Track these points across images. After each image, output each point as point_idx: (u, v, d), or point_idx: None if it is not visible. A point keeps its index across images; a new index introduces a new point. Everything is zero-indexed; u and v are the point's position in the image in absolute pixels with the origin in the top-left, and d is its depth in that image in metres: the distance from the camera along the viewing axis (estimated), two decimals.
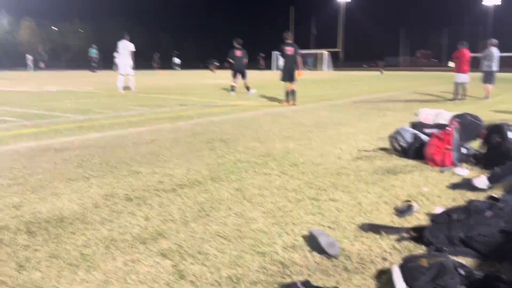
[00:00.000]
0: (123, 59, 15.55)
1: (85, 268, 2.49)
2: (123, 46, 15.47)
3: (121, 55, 15.59)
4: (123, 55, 15.52)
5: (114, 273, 2.44)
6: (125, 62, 15.53)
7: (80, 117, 8.91)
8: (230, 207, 3.51)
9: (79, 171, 4.61)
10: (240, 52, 15.66)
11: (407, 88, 21.05)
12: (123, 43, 15.49)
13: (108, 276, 2.41)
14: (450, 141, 4.85)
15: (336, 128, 7.74)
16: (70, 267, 2.50)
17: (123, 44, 15.48)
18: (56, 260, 2.58)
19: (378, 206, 3.57)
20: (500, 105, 12.37)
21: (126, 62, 15.51)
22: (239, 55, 15.62)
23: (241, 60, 15.73)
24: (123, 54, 15.52)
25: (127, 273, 2.44)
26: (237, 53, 15.60)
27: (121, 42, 15.51)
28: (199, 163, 5.01)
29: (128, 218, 3.26)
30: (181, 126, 7.84)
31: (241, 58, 15.70)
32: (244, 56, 15.82)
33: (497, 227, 2.67)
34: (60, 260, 2.57)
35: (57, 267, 2.50)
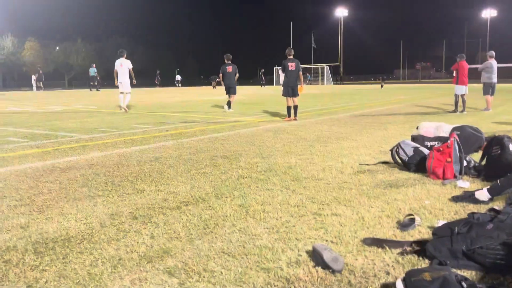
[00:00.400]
0: (121, 77, 15.47)
1: (92, 287, 2.53)
2: (121, 64, 15.43)
3: (119, 73, 15.50)
4: (121, 73, 15.46)
5: None
6: (123, 80, 15.49)
7: (84, 136, 8.99)
8: (234, 224, 3.55)
9: (85, 190, 4.66)
10: (231, 68, 15.50)
11: (407, 101, 21.14)
12: (121, 60, 15.46)
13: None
14: (451, 153, 4.90)
15: (338, 142, 7.79)
16: (78, 287, 2.54)
17: (120, 61, 15.45)
18: (64, 280, 2.62)
19: (380, 220, 3.61)
20: (501, 116, 12.42)
21: (124, 80, 15.50)
22: (230, 70, 15.48)
23: (232, 76, 15.59)
24: (120, 73, 15.47)
25: None
26: (228, 68, 15.46)
27: (119, 60, 15.48)
28: (202, 180, 5.06)
29: (134, 236, 3.30)
30: (184, 143, 7.90)
31: (232, 74, 15.55)
32: (235, 71, 15.68)
33: (499, 240, 2.70)
34: (68, 280, 2.61)
35: (65, 287, 2.53)
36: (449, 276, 2.26)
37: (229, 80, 15.54)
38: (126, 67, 15.44)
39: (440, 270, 2.39)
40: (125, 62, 15.44)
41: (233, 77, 15.62)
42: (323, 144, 7.61)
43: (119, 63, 15.40)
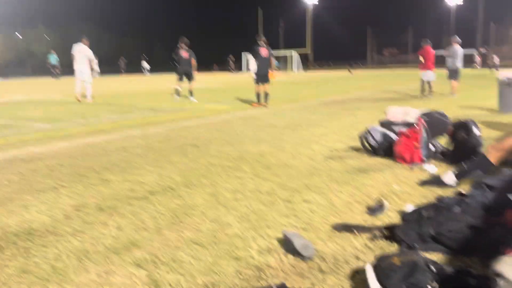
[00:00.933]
0: (78, 64, 14.35)
1: (57, 281, 2.44)
2: (79, 50, 14.30)
3: (76, 60, 14.34)
4: (78, 60, 14.32)
5: (87, 285, 2.40)
6: (80, 68, 14.37)
7: (48, 126, 8.72)
8: (204, 213, 3.50)
9: (48, 181, 4.51)
10: (187, 54, 14.42)
11: (375, 87, 21.40)
12: (79, 46, 14.34)
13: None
14: (418, 138, 4.96)
15: (308, 129, 7.80)
16: (41, 282, 2.44)
17: (79, 48, 14.32)
18: (27, 275, 2.52)
19: (350, 205, 3.62)
20: (466, 101, 12.70)
21: (81, 68, 14.38)
22: (185, 56, 14.39)
23: (188, 62, 14.48)
24: (78, 59, 14.32)
25: (101, 285, 2.40)
26: (183, 54, 14.37)
27: (77, 46, 14.35)
28: (171, 169, 4.97)
29: (100, 228, 3.21)
30: (153, 132, 7.77)
31: (188, 60, 14.45)
32: (192, 57, 14.55)
33: (466, 223, 2.74)
34: (31, 275, 2.51)
35: (28, 282, 2.44)
36: (418, 260, 2.27)
37: (186, 66, 14.44)
38: (85, 55, 14.35)
39: (409, 254, 2.41)
40: (84, 49, 14.31)
41: (189, 63, 14.49)
42: (294, 131, 7.61)
43: (77, 49, 14.29)
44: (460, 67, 14.87)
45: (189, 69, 14.49)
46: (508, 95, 9.57)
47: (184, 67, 14.44)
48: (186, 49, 14.44)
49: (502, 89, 9.72)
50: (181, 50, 14.38)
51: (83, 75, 14.44)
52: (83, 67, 14.38)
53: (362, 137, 5.63)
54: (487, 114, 9.52)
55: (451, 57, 14.65)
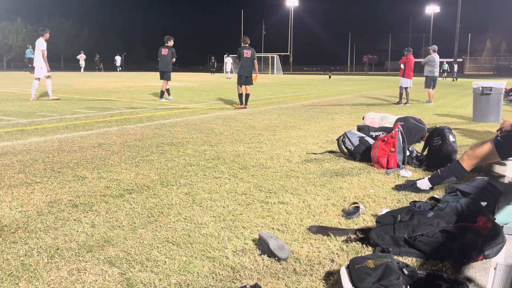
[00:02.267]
0: (36, 60, 13.26)
1: (27, 279, 2.38)
2: (38, 45, 13.15)
3: (35, 55, 13.28)
4: (37, 56, 13.20)
5: (59, 283, 2.35)
6: (38, 64, 13.21)
7: (23, 120, 8.54)
8: (180, 212, 3.47)
9: (21, 176, 4.42)
10: (166, 50, 14.16)
11: (354, 92, 21.61)
12: (38, 41, 13.16)
13: (51, 286, 2.31)
14: (394, 143, 5.02)
15: (286, 131, 7.83)
16: (10, 278, 2.38)
17: (38, 43, 13.17)
18: None
19: (326, 208, 3.64)
20: (442, 108, 12.94)
21: (38, 64, 13.19)
22: (165, 53, 14.15)
23: (168, 59, 14.20)
24: (37, 55, 13.20)
25: (72, 283, 2.36)
26: (163, 51, 14.15)
27: (37, 41, 13.19)
28: (147, 167, 4.92)
29: (74, 225, 3.15)
30: (129, 129, 7.68)
31: (167, 57, 14.17)
32: (172, 55, 14.28)
33: (439, 227, 2.78)
34: (0, 272, 2.45)
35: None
36: (391, 263, 2.30)
37: (165, 64, 14.18)
38: (38, 48, 13.09)
39: (383, 257, 2.43)
40: (38, 42, 13.13)
41: (169, 61, 14.23)
42: (272, 132, 7.62)
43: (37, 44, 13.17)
44: (437, 75, 15.14)
45: (168, 67, 14.24)
46: (482, 104, 9.78)
47: (162, 65, 14.20)
48: (167, 47, 14.18)
49: (476, 98, 9.92)
50: (162, 47, 14.17)
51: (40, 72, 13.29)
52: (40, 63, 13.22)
53: (340, 141, 5.68)
54: (462, 121, 9.71)
55: (429, 66, 14.90)
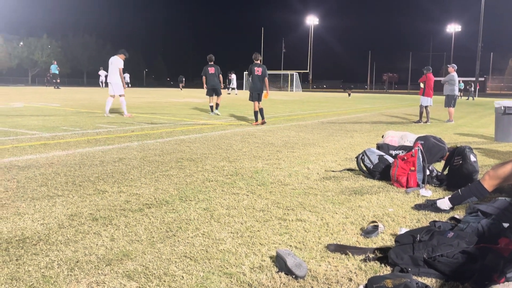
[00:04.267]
0: (112, 77, 13.45)
1: None
2: (112, 62, 13.41)
3: (112, 73, 13.43)
4: (113, 73, 13.39)
5: None
6: (110, 80, 13.48)
7: (46, 134, 8.72)
8: (198, 227, 3.49)
9: (43, 189, 4.50)
10: (213, 69, 15.16)
11: (373, 110, 21.52)
12: (111, 58, 13.49)
13: None
14: (414, 162, 4.98)
15: (305, 148, 7.82)
16: None
17: (111, 59, 13.48)
18: (17, 282, 2.50)
19: (344, 226, 3.62)
20: (463, 127, 12.78)
21: (111, 80, 13.44)
22: (212, 72, 15.16)
23: (215, 77, 15.22)
24: (113, 72, 13.39)
25: None
26: (210, 70, 15.14)
27: (112, 58, 13.48)
28: (167, 182, 4.97)
29: (94, 238, 3.20)
30: (150, 144, 7.77)
31: (214, 75, 15.19)
32: (218, 72, 15.31)
33: (459, 248, 2.75)
34: (21, 282, 2.50)
35: None
36: (410, 283, 2.27)
37: (213, 81, 15.18)
38: (116, 65, 13.30)
39: (402, 277, 2.40)
40: (115, 60, 13.32)
41: (216, 78, 15.24)
42: (290, 149, 7.63)
43: (110, 61, 13.44)
44: (458, 94, 15.00)
45: (216, 84, 15.23)
46: (505, 123, 9.64)
47: (212, 82, 15.15)
48: (212, 65, 15.14)
49: (498, 117, 9.79)
50: (208, 66, 15.11)
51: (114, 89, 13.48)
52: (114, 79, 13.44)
53: (359, 159, 5.65)
54: (483, 141, 9.57)
55: (449, 84, 14.79)
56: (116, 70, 13.33)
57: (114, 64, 13.31)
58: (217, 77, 15.27)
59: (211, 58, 15.26)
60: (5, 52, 70.03)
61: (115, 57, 13.42)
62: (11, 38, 74.85)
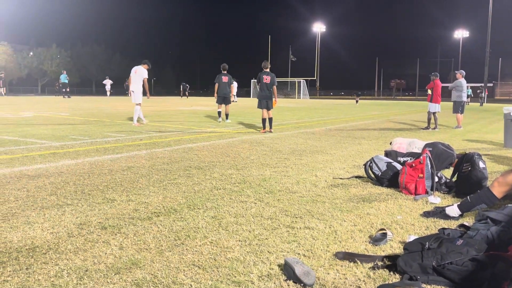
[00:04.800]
0: (132, 84, 13.64)
1: None
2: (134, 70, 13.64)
3: (136, 82, 13.61)
4: (133, 81, 13.60)
5: None
6: (133, 89, 13.64)
7: (55, 143, 8.79)
8: (206, 236, 3.50)
9: (53, 198, 4.54)
10: (227, 78, 15.38)
11: (381, 116, 21.46)
12: (135, 68, 13.69)
13: None
14: (423, 169, 4.96)
15: (312, 155, 7.82)
16: None
17: (135, 68, 13.69)
18: None
19: (353, 234, 3.61)
20: (471, 134, 12.71)
21: (134, 88, 13.62)
22: (225, 80, 15.37)
23: (227, 86, 15.49)
24: (132, 79, 13.62)
25: None
26: (223, 78, 15.33)
27: (137, 68, 13.65)
28: (175, 190, 4.99)
29: (103, 247, 3.22)
30: (158, 153, 7.81)
31: (227, 84, 15.44)
32: (230, 82, 15.65)
33: (468, 255, 2.73)
34: None
35: None
36: None
37: (225, 90, 15.42)
38: (140, 75, 13.51)
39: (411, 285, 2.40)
40: (140, 70, 13.53)
41: (228, 87, 15.53)
42: (298, 157, 7.62)
43: (134, 70, 13.63)
44: (466, 100, 14.93)
45: (228, 93, 15.55)
46: None
47: (224, 91, 15.41)
48: (225, 74, 15.35)
49: (507, 123, 9.73)
50: (221, 74, 15.27)
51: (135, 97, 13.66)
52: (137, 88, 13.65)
53: (367, 166, 5.64)
54: (493, 147, 9.51)
55: (457, 91, 14.73)
56: (140, 79, 13.57)
57: (138, 74, 13.54)
58: (229, 86, 15.55)
59: (225, 67, 15.40)
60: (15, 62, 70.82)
61: (139, 67, 13.63)
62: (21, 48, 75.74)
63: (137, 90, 13.63)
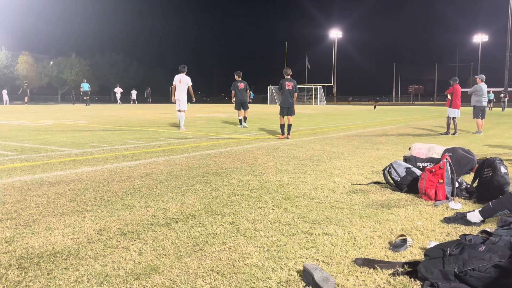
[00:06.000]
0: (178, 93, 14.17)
1: None
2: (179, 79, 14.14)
3: (177, 88, 14.18)
4: (178, 89, 14.15)
5: None
6: (179, 97, 14.17)
7: (75, 150, 8.91)
8: (224, 242, 3.50)
9: (73, 205, 4.59)
10: (243, 85, 16.18)
11: (399, 122, 21.27)
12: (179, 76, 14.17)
13: None
14: (443, 175, 4.90)
15: (330, 161, 7.78)
16: None
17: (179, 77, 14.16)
18: None
19: (372, 240, 3.57)
20: (492, 139, 12.51)
21: (180, 97, 14.17)
22: (241, 87, 16.16)
23: (243, 92, 16.25)
24: (178, 88, 14.15)
25: None
26: (239, 85, 16.11)
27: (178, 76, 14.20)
28: (193, 196, 5.01)
29: (122, 253, 3.24)
30: (176, 159, 7.85)
31: (243, 90, 16.22)
32: (246, 88, 16.35)
33: (491, 262, 2.68)
34: None
35: None
36: None
37: (242, 96, 16.17)
38: (185, 83, 14.12)
39: None
40: (185, 78, 14.10)
41: (245, 93, 16.31)
42: (316, 163, 7.59)
43: (178, 79, 14.11)
44: (485, 105, 14.72)
45: (245, 99, 16.31)
46: None
47: (241, 97, 16.21)
48: (241, 81, 16.18)
49: None
50: (237, 81, 16.11)
51: (182, 105, 14.25)
52: (183, 96, 14.19)
53: (386, 172, 5.59)
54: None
55: (476, 95, 14.53)
56: (185, 87, 14.19)
57: (183, 82, 14.11)
58: (245, 92, 16.27)
59: (240, 74, 16.09)
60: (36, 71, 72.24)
61: (182, 75, 14.16)
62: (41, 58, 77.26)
63: (183, 97, 14.21)
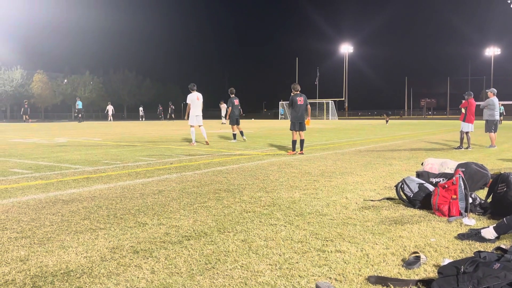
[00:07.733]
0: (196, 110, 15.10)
1: None
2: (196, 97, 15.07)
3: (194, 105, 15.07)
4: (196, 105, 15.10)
5: None
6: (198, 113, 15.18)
7: (88, 168, 9.00)
8: (236, 259, 3.50)
9: (86, 223, 4.63)
10: (237, 101, 17.35)
11: (412, 136, 21.15)
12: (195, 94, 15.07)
13: None
14: (456, 190, 4.86)
15: (342, 177, 7.76)
16: None
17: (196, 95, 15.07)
18: None
19: (385, 257, 3.55)
20: (506, 153, 12.37)
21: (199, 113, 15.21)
22: (237, 103, 17.33)
23: (238, 108, 17.49)
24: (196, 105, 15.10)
25: None
26: (235, 101, 17.21)
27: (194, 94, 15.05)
28: (205, 214, 5.02)
29: (135, 271, 3.26)
30: (188, 176, 7.89)
31: (238, 106, 17.42)
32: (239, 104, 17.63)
33: (506, 280, 2.65)
34: None
35: None
36: None
37: (238, 111, 17.40)
38: (201, 100, 15.25)
39: None
40: (200, 96, 15.20)
41: (239, 109, 17.59)
42: (328, 179, 7.58)
43: (195, 96, 14.99)
44: (498, 119, 14.60)
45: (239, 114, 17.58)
46: None
47: (238, 112, 17.39)
48: (236, 97, 17.29)
49: None
50: (233, 98, 17.15)
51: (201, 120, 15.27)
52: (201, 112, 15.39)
53: (398, 187, 5.56)
54: None
55: (489, 109, 14.43)
56: (201, 104, 15.33)
57: (201, 100, 15.25)
58: (239, 107, 17.62)
59: (233, 91, 17.16)
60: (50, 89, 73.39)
61: (198, 93, 15.20)
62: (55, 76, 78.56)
63: (201, 113, 15.35)
